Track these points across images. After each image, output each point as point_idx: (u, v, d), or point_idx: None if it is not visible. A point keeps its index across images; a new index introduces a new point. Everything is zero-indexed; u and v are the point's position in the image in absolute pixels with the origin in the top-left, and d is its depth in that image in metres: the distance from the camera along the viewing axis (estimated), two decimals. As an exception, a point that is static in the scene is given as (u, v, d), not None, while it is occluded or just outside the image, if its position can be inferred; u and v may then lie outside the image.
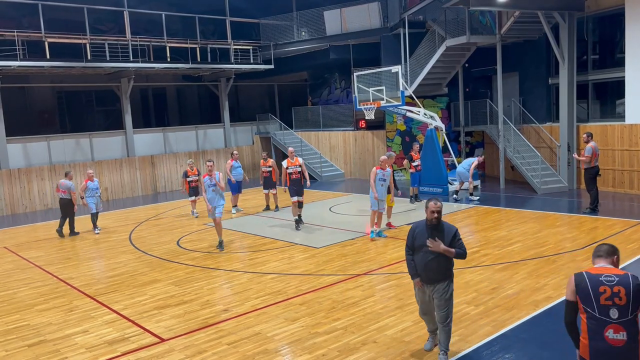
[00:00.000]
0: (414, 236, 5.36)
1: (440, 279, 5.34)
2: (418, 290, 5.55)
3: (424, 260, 5.29)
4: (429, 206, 5.25)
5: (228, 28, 22.22)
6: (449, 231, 5.27)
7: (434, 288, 5.37)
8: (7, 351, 6.46)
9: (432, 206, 5.23)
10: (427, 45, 18.72)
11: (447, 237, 5.23)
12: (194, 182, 14.92)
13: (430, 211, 5.23)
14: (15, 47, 16.72)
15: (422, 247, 5.27)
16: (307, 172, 12.77)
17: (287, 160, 12.63)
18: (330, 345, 6.06)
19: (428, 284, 5.39)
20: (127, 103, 20.79)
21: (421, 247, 5.27)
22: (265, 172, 14.98)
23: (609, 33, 16.27)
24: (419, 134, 19.74)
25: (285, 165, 12.54)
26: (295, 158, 12.69)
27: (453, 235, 5.25)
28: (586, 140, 12.33)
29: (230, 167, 15.20)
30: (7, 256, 11.68)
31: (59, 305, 8.07)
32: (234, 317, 7.14)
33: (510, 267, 8.60)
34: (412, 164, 14.80)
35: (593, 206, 12.40)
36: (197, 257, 10.53)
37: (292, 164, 12.53)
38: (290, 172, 12.45)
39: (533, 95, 18.02)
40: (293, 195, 12.40)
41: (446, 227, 5.28)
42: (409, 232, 5.42)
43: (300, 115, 25.15)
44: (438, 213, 5.22)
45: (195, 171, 15.02)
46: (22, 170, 18.21)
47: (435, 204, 5.24)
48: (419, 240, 5.30)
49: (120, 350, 6.28)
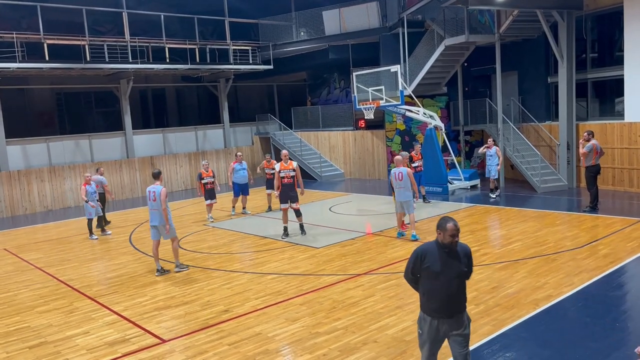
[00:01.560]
0: (423, 261, 4.47)
1: (461, 310, 4.53)
2: (429, 327, 4.53)
3: (446, 290, 4.42)
4: (448, 228, 4.38)
5: (227, 28, 22.23)
6: (464, 253, 4.53)
7: (453, 321, 4.49)
8: (8, 353, 6.47)
9: (452, 229, 4.38)
10: (426, 44, 18.73)
11: (464, 259, 4.51)
12: (210, 184, 14.21)
13: (449, 235, 4.38)
14: (14, 49, 16.73)
15: (439, 275, 4.41)
16: (300, 178, 11.76)
17: (280, 164, 11.63)
18: (331, 345, 6.07)
19: (447, 318, 4.48)
20: (126, 104, 20.80)
21: (438, 274, 4.41)
22: (268, 174, 14.64)
23: (607, 31, 16.27)
24: (419, 134, 19.74)
25: (277, 168, 11.61)
26: (290, 162, 11.65)
27: (469, 257, 4.55)
28: (587, 139, 12.31)
29: (231, 170, 14.66)
30: (7, 258, 11.68)
31: (60, 307, 8.07)
32: (234, 317, 7.14)
33: (510, 266, 8.60)
34: (412, 165, 14.63)
35: (593, 205, 12.41)
36: (197, 257, 10.53)
37: (286, 167, 11.53)
38: (282, 176, 11.47)
39: (532, 94, 18.03)
40: (283, 201, 11.55)
41: (460, 248, 4.52)
42: (415, 257, 4.53)
43: (300, 115, 25.17)
44: (458, 236, 4.46)
45: (210, 172, 14.31)
46: (22, 172, 18.21)
47: (455, 225, 4.42)
48: (434, 266, 4.42)
49: (121, 351, 6.28)
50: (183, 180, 22.29)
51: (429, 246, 4.55)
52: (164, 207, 9.15)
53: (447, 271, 4.43)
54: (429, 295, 4.52)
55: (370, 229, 12.12)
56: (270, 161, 14.82)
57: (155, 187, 9.32)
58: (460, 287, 4.49)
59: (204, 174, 14.24)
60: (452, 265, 4.44)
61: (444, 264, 4.42)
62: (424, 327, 4.58)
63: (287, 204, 11.58)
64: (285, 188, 11.51)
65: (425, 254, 4.49)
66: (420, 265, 4.49)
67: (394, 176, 10.61)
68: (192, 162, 22.55)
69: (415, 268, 4.56)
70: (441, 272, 4.42)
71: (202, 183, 14.20)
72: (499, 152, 14.99)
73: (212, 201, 14.39)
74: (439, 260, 4.43)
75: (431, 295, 4.49)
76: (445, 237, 4.42)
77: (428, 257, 4.47)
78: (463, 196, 15.81)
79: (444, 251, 4.45)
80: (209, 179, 14.22)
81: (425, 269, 4.47)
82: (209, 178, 14.24)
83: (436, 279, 4.43)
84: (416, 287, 4.70)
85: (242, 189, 14.75)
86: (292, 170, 11.55)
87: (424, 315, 4.58)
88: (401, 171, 10.55)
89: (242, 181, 14.62)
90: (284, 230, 11.74)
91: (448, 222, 4.42)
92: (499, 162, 14.88)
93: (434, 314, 4.49)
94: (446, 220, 4.45)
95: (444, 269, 4.42)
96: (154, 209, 9.28)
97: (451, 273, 4.43)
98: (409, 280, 4.73)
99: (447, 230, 4.40)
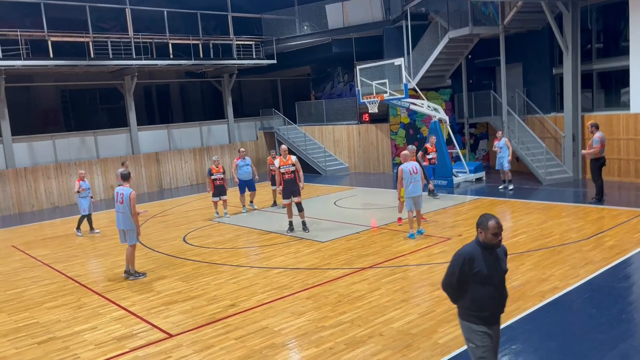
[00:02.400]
0: (472, 266, 4.03)
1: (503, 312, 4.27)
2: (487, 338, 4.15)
3: (498, 294, 4.12)
4: (490, 227, 4.02)
5: (230, 24, 22.21)
6: (503, 251, 4.24)
7: (498, 326, 4.26)
8: (17, 349, 6.53)
9: (494, 227, 4.02)
10: (429, 37, 18.65)
11: (504, 258, 4.23)
12: (219, 180, 13.84)
13: (492, 233, 4.01)
14: (19, 47, 16.78)
15: (490, 279, 4.04)
16: (301, 171, 11.68)
17: (279, 159, 11.56)
18: (337, 339, 6.09)
19: (497, 324, 4.22)
20: (130, 100, 20.85)
21: (488, 278, 4.04)
22: (273, 170, 14.24)
23: (612, 22, 16.15)
24: (423, 127, 19.70)
25: (277, 164, 11.59)
26: (289, 157, 11.54)
27: (506, 255, 4.28)
28: (591, 132, 12.17)
29: (235, 167, 14.49)
30: (15, 255, 11.77)
31: (68, 303, 8.14)
32: (240, 312, 7.18)
33: (516, 258, 8.60)
34: (427, 157, 14.61)
35: (599, 197, 12.35)
36: (203, 252, 10.58)
37: (285, 162, 11.42)
38: (282, 171, 11.41)
39: (537, 85, 17.94)
40: (286, 196, 11.48)
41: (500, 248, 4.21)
42: (461, 263, 4.06)
43: (304, 109, 25.15)
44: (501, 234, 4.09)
45: (220, 168, 13.95)
46: (29, 169, 18.31)
47: (498, 223, 4.04)
48: (484, 270, 4.02)
49: (129, 346, 6.34)
50: (188, 176, 22.35)
51: (473, 248, 4.11)
52: (134, 212, 8.75)
53: (495, 275, 4.07)
54: (480, 303, 4.07)
55: (375, 223, 12.13)
56: (275, 157, 14.37)
57: (124, 189, 8.88)
58: (505, 289, 4.21)
59: (214, 170, 13.91)
60: (497, 266, 4.10)
61: (492, 266, 4.05)
62: (478, 339, 4.13)
63: (289, 199, 11.50)
64: (287, 183, 11.43)
65: (473, 257, 4.04)
66: (469, 270, 4.03)
67: (410, 171, 10.32)
68: (197, 157, 22.60)
69: (462, 275, 4.06)
70: (490, 276, 4.04)
71: (212, 179, 13.87)
72: (508, 143, 14.86)
73: (222, 197, 14.02)
74: (486, 264, 4.04)
75: (484, 303, 4.07)
76: (487, 236, 4.04)
77: (476, 261, 4.03)
78: (468, 189, 15.78)
79: (488, 252, 4.08)
80: (218, 175, 13.87)
81: (476, 275, 4.02)
82: (219, 174, 13.89)
83: (488, 284, 4.04)
84: (457, 297, 4.21)
85: (247, 185, 14.61)
86: (292, 165, 11.45)
87: (475, 326, 4.12)
88: (414, 165, 10.47)
89: (245, 177, 14.50)
90: (290, 225, 11.74)
91: (490, 220, 4.04)
92: (509, 153, 14.72)
93: (487, 322, 4.11)
94: (487, 217, 4.08)
95: (493, 271, 4.05)
96: (120, 211, 8.92)
97: (499, 275, 4.11)
98: (451, 290, 4.21)
99: (488, 229, 4.02)
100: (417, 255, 9.25)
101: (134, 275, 9.18)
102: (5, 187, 17.77)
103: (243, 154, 14.68)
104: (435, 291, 7.40)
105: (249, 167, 14.54)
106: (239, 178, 14.51)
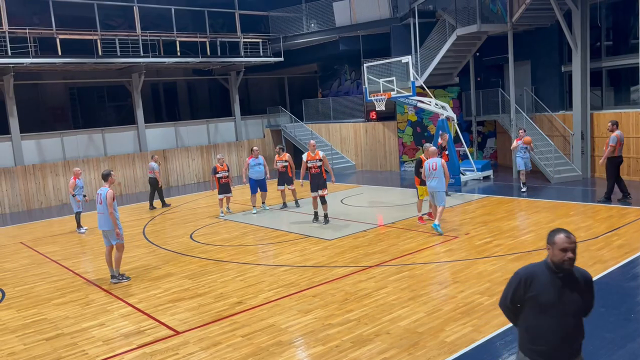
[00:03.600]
0: (528, 288, 3.42)
1: (575, 355, 3.50)
2: None
3: (560, 329, 3.39)
4: (557, 241, 3.37)
5: (237, 21, 22.22)
6: (584, 279, 3.49)
7: None
8: (26, 345, 6.58)
9: (565, 241, 3.35)
10: (437, 35, 18.57)
11: (586, 287, 3.48)
12: (224, 178, 13.91)
13: (559, 249, 3.35)
14: (27, 44, 16.87)
15: (550, 308, 3.38)
16: (329, 165, 12.30)
17: (307, 154, 12.08)
18: (344, 337, 6.09)
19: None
20: (138, 98, 20.91)
21: (548, 307, 3.38)
22: (281, 167, 14.17)
23: (622, 19, 16.01)
24: (431, 125, 19.64)
25: (305, 158, 12.03)
26: (317, 151, 12.05)
27: (590, 286, 3.51)
28: (610, 129, 11.88)
29: (246, 166, 14.14)
30: (23, 251, 11.85)
31: (76, 299, 8.18)
32: (247, 309, 7.19)
33: (524, 257, 8.55)
34: (445, 153, 14.48)
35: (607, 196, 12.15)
36: (210, 250, 10.60)
37: (313, 157, 11.95)
38: (309, 166, 11.93)
39: (545, 83, 17.82)
40: (313, 190, 12.01)
41: (579, 273, 3.48)
42: (517, 282, 3.48)
43: (311, 107, 25.13)
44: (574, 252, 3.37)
45: (225, 166, 14.05)
46: (37, 166, 18.42)
47: (569, 237, 3.37)
48: (543, 296, 3.38)
49: (136, 342, 6.36)
50: (195, 173, 22.41)
51: (537, 268, 3.47)
52: (110, 211, 8.59)
53: (562, 304, 3.37)
54: (533, 333, 3.44)
55: (382, 221, 12.11)
56: (281, 154, 14.32)
57: (102, 190, 8.80)
58: (577, 327, 3.44)
59: (219, 168, 13.99)
60: (568, 295, 3.38)
61: (558, 293, 3.36)
62: None
63: (316, 192, 12.00)
64: (314, 177, 11.97)
65: (532, 278, 3.41)
66: (524, 293, 3.43)
67: (429, 167, 10.41)
68: (204, 155, 22.65)
69: (516, 296, 3.48)
70: (553, 304, 3.36)
71: (217, 177, 13.95)
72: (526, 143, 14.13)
73: (227, 195, 14.11)
74: (550, 288, 3.37)
75: (537, 335, 3.42)
76: (555, 253, 3.36)
77: (535, 283, 3.40)
78: (476, 187, 15.72)
79: (557, 276, 3.39)
80: (223, 173, 13.94)
81: (531, 299, 3.41)
82: (224, 172, 13.96)
83: (546, 314, 3.38)
84: (514, 319, 3.64)
85: (259, 185, 14.20)
86: (319, 160, 11.96)
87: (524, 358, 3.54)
88: (435, 161, 10.45)
89: (258, 177, 14.07)
90: (315, 215, 12.33)
91: (557, 234, 3.39)
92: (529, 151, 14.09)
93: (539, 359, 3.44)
94: (555, 230, 3.43)
95: (557, 300, 3.36)
96: (100, 212, 8.84)
97: (567, 307, 3.38)
98: (506, 310, 3.65)
99: (555, 244, 3.36)
100: (424, 253, 9.22)
101: (117, 278, 8.88)
102: (14, 184, 17.90)
103: (257, 153, 14.24)
104: (442, 289, 7.38)
105: (261, 167, 14.09)
106: (251, 177, 14.13)
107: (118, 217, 8.76)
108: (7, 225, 15.59)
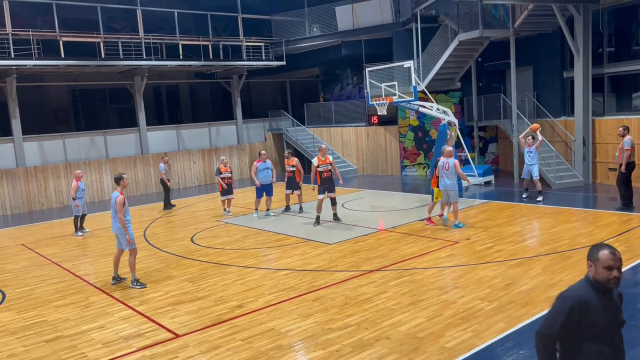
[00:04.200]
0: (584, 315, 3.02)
1: None
2: None
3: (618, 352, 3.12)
4: (600, 257, 3.06)
5: (240, 25, 22.28)
6: (618, 294, 3.26)
7: None
8: (26, 347, 6.57)
9: (610, 258, 3.05)
10: (439, 40, 18.60)
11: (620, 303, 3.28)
12: (227, 179, 14.27)
13: (603, 267, 3.05)
14: (31, 47, 16.92)
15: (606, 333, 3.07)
16: (337, 170, 12.71)
17: (317, 158, 12.32)
18: (344, 341, 6.08)
19: None
20: (140, 101, 20.96)
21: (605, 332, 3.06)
22: (288, 172, 13.98)
23: (624, 25, 16.03)
24: (432, 129, 19.64)
25: (315, 163, 12.24)
26: (326, 156, 12.38)
27: (622, 300, 3.30)
28: (622, 134, 11.76)
29: (255, 170, 13.71)
30: (24, 253, 11.85)
31: (76, 302, 8.18)
32: (247, 313, 7.18)
33: (525, 262, 8.54)
34: None
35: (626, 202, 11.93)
36: (210, 253, 10.60)
37: (323, 162, 12.25)
38: (321, 170, 12.19)
39: (547, 89, 17.84)
40: (321, 192, 12.28)
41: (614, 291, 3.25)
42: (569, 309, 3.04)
43: (313, 111, 25.16)
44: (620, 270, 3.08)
45: (228, 168, 14.40)
46: (39, 168, 18.45)
47: (614, 254, 3.07)
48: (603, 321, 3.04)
49: (136, 345, 6.36)
50: (197, 176, 22.42)
51: (585, 291, 3.07)
52: (120, 217, 8.50)
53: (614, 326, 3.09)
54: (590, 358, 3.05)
55: (382, 225, 12.10)
56: (290, 158, 14.08)
57: (113, 194, 8.69)
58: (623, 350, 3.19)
59: (222, 169, 14.35)
60: (616, 316, 3.10)
61: (610, 316, 3.05)
62: None
63: (324, 194, 12.30)
64: (324, 180, 12.27)
65: (587, 304, 3.01)
66: (579, 320, 3.01)
67: (443, 166, 11.15)
68: (205, 158, 22.67)
69: (568, 325, 3.03)
70: (608, 328, 3.04)
71: (221, 178, 14.29)
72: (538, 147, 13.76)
73: (229, 196, 14.41)
74: (604, 311, 3.04)
75: None
76: (597, 270, 3.06)
77: (592, 309, 3.00)
78: (477, 192, 15.71)
79: (604, 296, 3.07)
80: (226, 174, 14.30)
81: (590, 326, 3.01)
82: (227, 173, 14.32)
83: (605, 339, 3.04)
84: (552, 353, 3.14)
85: (266, 190, 13.83)
86: (330, 164, 12.40)
87: None
88: (449, 161, 11.14)
89: (265, 181, 13.71)
90: (316, 219, 12.44)
91: (601, 249, 3.08)
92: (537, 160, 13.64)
93: None
94: (598, 246, 3.12)
95: (609, 324, 3.05)
96: (112, 215, 8.80)
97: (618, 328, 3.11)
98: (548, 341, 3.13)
99: (599, 260, 3.05)
100: (425, 258, 9.21)
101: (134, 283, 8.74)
102: (15, 185, 17.93)
103: (264, 157, 13.90)
104: (443, 295, 7.37)
105: (269, 171, 13.76)
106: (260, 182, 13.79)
107: (130, 222, 8.67)
108: (9, 226, 15.60)
